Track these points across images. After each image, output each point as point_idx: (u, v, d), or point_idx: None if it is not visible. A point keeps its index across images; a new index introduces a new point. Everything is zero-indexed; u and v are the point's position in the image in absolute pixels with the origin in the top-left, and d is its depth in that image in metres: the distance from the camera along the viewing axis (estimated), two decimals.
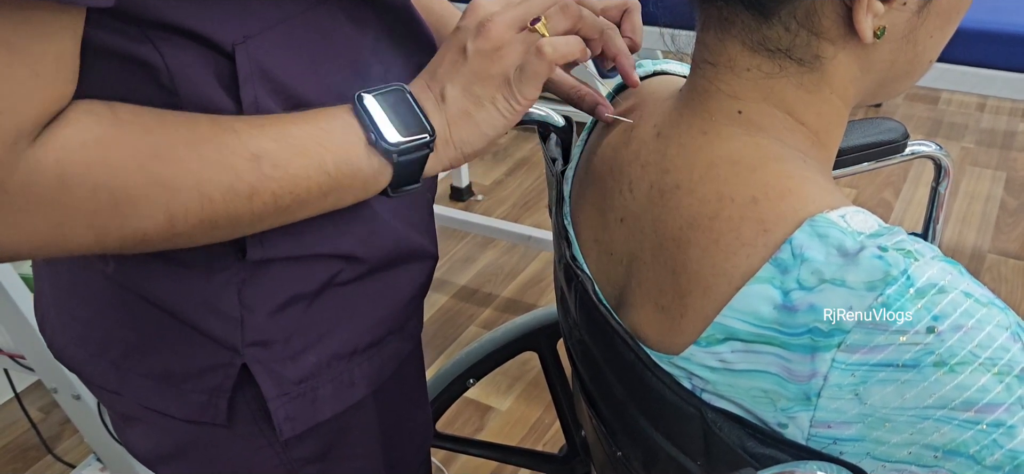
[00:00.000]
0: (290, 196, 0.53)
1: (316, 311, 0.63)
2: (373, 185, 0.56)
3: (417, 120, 0.56)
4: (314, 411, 0.64)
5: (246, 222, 0.52)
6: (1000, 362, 0.44)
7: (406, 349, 0.71)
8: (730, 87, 0.54)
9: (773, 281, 0.48)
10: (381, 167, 0.56)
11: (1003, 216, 2.36)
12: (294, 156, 0.52)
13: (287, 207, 0.53)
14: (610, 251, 0.62)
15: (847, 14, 0.49)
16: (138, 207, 0.47)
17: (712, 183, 0.53)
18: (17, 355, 1.33)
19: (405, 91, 0.57)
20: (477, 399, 1.84)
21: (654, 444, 0.58)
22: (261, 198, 0.51)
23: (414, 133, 0.55)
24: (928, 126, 2.85)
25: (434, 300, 2.18)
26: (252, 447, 0.66)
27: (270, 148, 0.51)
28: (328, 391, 0.64)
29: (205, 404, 0.62)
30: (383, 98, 0.56)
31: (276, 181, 0.52)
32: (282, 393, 0.62)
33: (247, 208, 0.51)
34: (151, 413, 0.65)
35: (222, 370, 0.61)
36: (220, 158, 0.49)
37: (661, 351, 0.54)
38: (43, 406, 1.88)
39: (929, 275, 0.44)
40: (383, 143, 0.54)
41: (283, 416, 0.62)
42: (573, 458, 1.11)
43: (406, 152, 0.55)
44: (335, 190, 0.55)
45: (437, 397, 1.05)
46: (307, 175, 0.53)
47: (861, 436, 0.47)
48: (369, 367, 0.67)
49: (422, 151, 0.56)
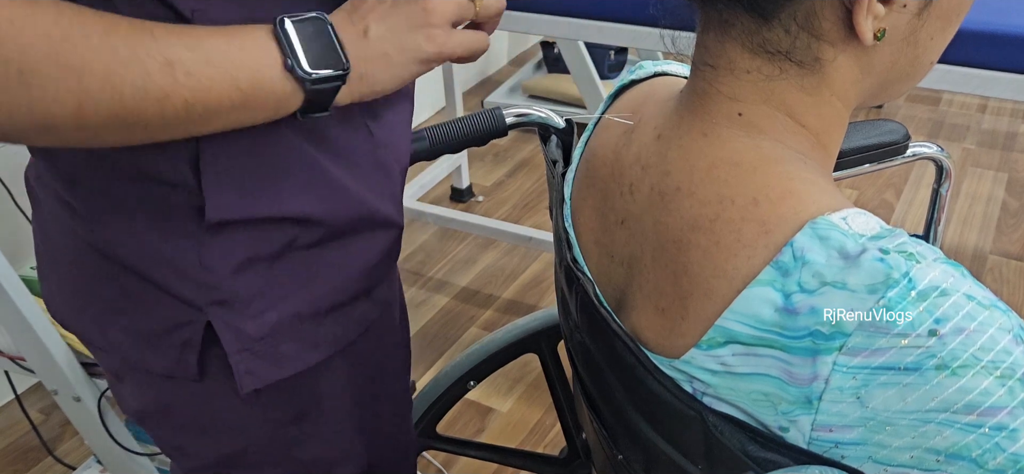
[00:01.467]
0: (201, 105, 0.54)
1: (277, 272, 0.65)
2: (284, 107, 0.58)
3: (334, 53, 0.58)
4: (276, 368, 0.66)
5: (156, 125, 0.53)
6: (1003, 365, 0.43)
7: (374, 314, 0.73)
8: (730, 89, 0.54)
9: (774, 284, 0.48)
10: (293, 91, 0.57)
11: (1005, 217, 2.36)
12: (207, 67, 0.53)
13: (199, 116, 0.54)
14: (611, 253, 0.62)
15: (847, 16, 0.49)
16: (46, 89, 0.48)
17: (713, 185, 0.52)
18: (18, 357, 1.33)
19: (326, 21, 0.58)
20: (478, 401, 1.84)
21: (655, 447, 0.58)
22: (172, 103, 0.53)
23: (329, 66, 0.57)
24: (929, 127, 2.85)
25: (435, 301, 2.18)
26: (231, 404, 0.68)
27: (185, 56, 0.53)
28: (290, 349, 0.66)
29: (178, 359, 0.65)
30: (303, 25, 0.57)
31: (188, 89, 0.53)
32: (243, 349, 0.64)
33: (157, 111, 0.52)
34: (134, 370, 0.69)
35: (189, 327, 0.64)
36: (134, 56, 0.51)
37: (662, 354, 0.54)
38: (43, 408, 1.87)
39: (931, 278, 0.44)
40: (298, 70, 0.56)
41: (243, 370, 0.64)
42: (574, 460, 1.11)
43: (319, 82, 0.57)
44: (246, 106, 0.56)
45: (438, 399, 1.05)
46: (219, 88, 0.54)
47: (863, 440, 0.47)
48: (334, 329, 0.68)
49: (334, 83, 0.58)
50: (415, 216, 2.31)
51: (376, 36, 0.59)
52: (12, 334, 1.23)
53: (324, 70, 0.57)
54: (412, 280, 2.26)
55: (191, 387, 0.68)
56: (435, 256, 2.35)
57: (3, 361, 1.35)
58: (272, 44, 0.56)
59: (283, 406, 0.70)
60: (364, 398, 0.75)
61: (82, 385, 1.27)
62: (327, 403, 0.72)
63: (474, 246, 2.39)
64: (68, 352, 1.25)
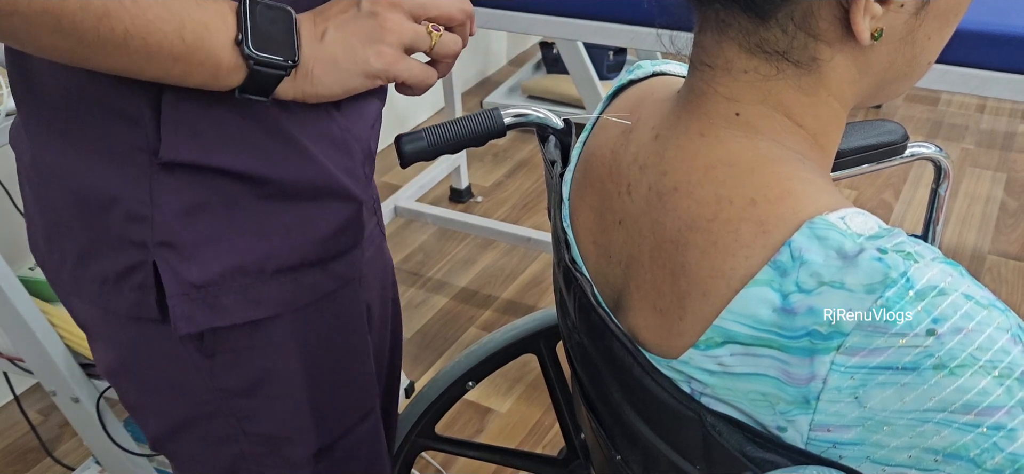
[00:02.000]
0: (139, 40, 0.55)
1: (225, 222, 0.66)
2: (224, 78, 0.60)
3: (288, 43, 0.60)
4: (213, 316, 0.67)
5: (89, 40, 0.54)
6: (1001, 365, 0.43)
7: (328, 286, 0.73)
8: (727, 89, 0.54)
9: (772, 283, 0.48)
10: (236, 66, 0.59)
11: (1003, 217, 2.36)
12: (159, 6, 0.55)
13: (135, 50, 0.56)
14: (609, 254, 0.62)
15: (844, 16, 0.49)
16: None
17: (710, 185, 0.52)
18: (16, 358, 1.33)
19: (291, 15, 0.61)
20: (477, 401, 1.84)
21: (653, 447, 0.58)
22: (110, 24, 0.54)
23: (278, 53, 0.60)
24: (928, 127, 2.85)
25: (434, 302, 2.18)
26: (183, 368, 0.71)
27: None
28: (231, 300, 0.67)
29: (137, 301, 0.67)
30: (268, 11, 0.60)
31: (131, 16, 0.54)
32: (182, 292, 0.66)
33: (93, 26, 0.53)
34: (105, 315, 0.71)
35: (142, 269, 0.66)
36: None
37: (660, 354, 0.54)
38: (42, 409, 1.87)
39: (929, 277, 0.44)
40: (245, 47, 0.59)
41: (179, 314, 0.66)
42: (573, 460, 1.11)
43: (262, 64, 0.59)
44: (185, 60, 0.58)
45: (436, 399, 1.05)
46: (163, 30, 0.56)
47: (861, 439, 0.47)
48: (280, 290, 0.70)
49: (278, 71, 0.60)
50: (414, 216, 2.31)
51: (330, 40, 0.62)
52: (11, 335, 1.23)
53: (270, 55, 0.59)
54: (411, 280, 2.26)
55: (151, 332, 0.69)
56: (434, 256, 2.36)
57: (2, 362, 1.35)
58: (232, 17, 0.59)
59: (233, 371, 0.72)
60: (318, 375, 0.76)
61: (81, 386, 1.27)
62: (278, 375, 0.74)
63: (473, 246, 2.39)
64: (66, 353, 1.25)
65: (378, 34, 0.61)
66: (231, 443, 0.76)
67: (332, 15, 0.63)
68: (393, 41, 0.62)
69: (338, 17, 0.62)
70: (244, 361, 0.72)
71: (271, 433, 0.76)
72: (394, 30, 0.62)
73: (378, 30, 0.61)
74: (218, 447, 0.76)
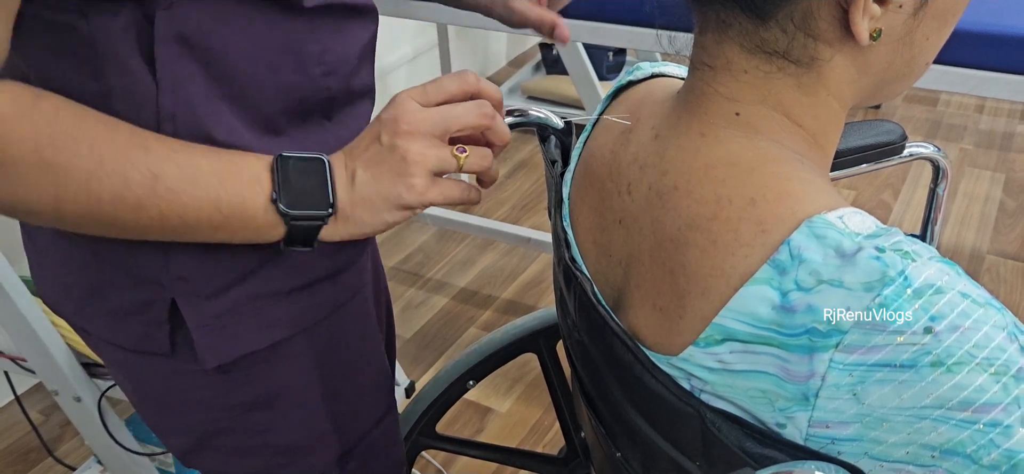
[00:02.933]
0: (177, 220, 0.58)
1: (238, 250, 0.65)
2: (266, 235, 0.61)
3: (323, 194, 0.60)
4: (236, 344, 0.67)
5: (132, 228, 0.57)
6: (997, 362, 0.44)
7: (340, 298, 0.73)
8: (728, 89, 0.54)
9: (771, 282, 0.48)
10: (276, 223, 0.60)
11: (1002, 217, 2.37)
12: (192, 186, 0.57)
13: (175, 227, 0.58)
14: (609, 253, 0.62)
15: (844, 16, 0.50)
16: (26, 182, 0.53)
17: (710, 185, 0.53)
18: (18, 358, 1.34)
19: (325, 163, 0.61)
20: (477, 401, 1.84)
21: (653, 445, 0.58)
22: (148, 213, 0.56)
23: (314, 206, 0.60)
24: (927, 127, 2.86)
25: (434, 302, 2.18)
26: (198, 383, 0.70)
27: (172, 172, 0.56)
28: (250, 326, 0.67)
29: (146, 335, 0.67)
30: (302, 163, 0.60)
31: (166, 202, 0.56)
32: (203, 324, 0.66)
33: (133, 217, 0.56)
34: (112, 348, 0.71)
35: (156, 305, 0.66)
36: (117, 167, 0.54)
37: (659, 352, 0.55)
38: (44, 409, 1.88)
39: (926, 276, 0.44)
40: (280, 206, 0.59)
41: (205, 345, 0.66)
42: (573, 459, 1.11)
43: (299, 219, 0.60)
44: (225, 228, 0.59)
45: (437, 399, 1.05)
46: (198, 207, 0.58)
47: (859, 436, 0.47)
48: (295, 309, 0.70)
49: (316, 222, 0.60)
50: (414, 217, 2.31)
51: (361, 181, 0.61)
52: (12, 335, 1.23)
53: (305, 209, 0.60)
54: (411, 281, 2.26)
55: (161, 365, 0.70)
56: (434, 257, 2.36)
57: (3, 362, 1.36)
58: (266, 175, 0.59)
59: (247, 387, 0.72)
60: (334, 384, 0.77)
61: (82, 385, 1.27)
62: (294, 387, 0.74)
63: (473, 247, 2.39)
64: (68, 352, 1.25)
65: (403, 168, 0.60)
66: (254, 456, 0.76)
67: (358, 154, 0.61)
68: (420, 172, 0.60)
69: (363, 155, 0.61)
70: (259, 377, 0.72)
71: (291, 444, 0.76)
72: (418, 161, 0.60)
73: (402, 164, 0.60)
74: (242, 459, 0.76)
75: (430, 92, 0.61)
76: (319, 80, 0.65)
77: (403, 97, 0.61)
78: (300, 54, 0.63)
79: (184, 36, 0.58)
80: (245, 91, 0.61)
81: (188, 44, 0.58)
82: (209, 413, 0.73)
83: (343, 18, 0.67)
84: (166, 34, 0.57)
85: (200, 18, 0.58)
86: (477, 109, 0.62)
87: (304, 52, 0.64)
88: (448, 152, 0.61)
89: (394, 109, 0.61)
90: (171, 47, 0.58)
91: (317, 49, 0.64)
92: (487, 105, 0.62)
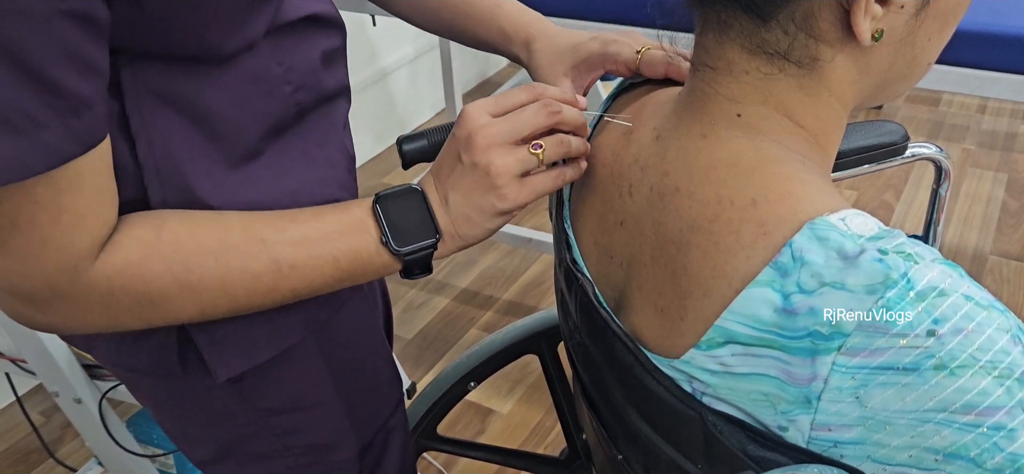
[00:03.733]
0: (306, 288, 0.62)
1: None
2: (388, 272, 0.65)
3: (427, 224, 0.64)
4: (248, 356, 0.69)
5: (267, 305, 0.62)
6: (1001, 365, 0.44)
7: (344, 295, 0.74)
8: (729, 90, 0.54)
9: (773, 284, 0.48)
10: (391, 262, 0.64)
11: (1004, 218, 2.36)
12: (308, 259, 0.61)
13: (306, 294, 0.63)
14: (610, 254, 0.62)
15: (845, 17, 0.49)
16: (173, 306, 0.58)
17: (711, 186, 0.53)
18: (19, 359, 1.34)
19: (419, 194, 0.64)
20: (478, 402, 1.84)
21: (654, 447, 0.58)
22: (280, 292, 0.61)
23: (421, 238, 0.63)
24: (929, 128, 2.85)
25: (435, 303, 2.18)
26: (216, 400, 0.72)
27: (289, 254, 0.60)
28: (260, 336, 0.69)
29: (158, 358, 0.69)
30: (400, 201, 0.64)
31: (293, 280, 0.61)
32: (214, 342, 0.67)
33: (268, 300, 0.61)
34: (124, 371, 0.73)
35: (164, 328, 0.67)
36: (244, 265, 0.59)
37: (661, 354, 0.54)
38: (45, 410, 1.88)
39: (929, 278, 0.44)
40: (391, 247, 0.62)
41: (217, 363, 0.68)
42: (574, 461, 1.11)
43: (413, 254, 0.63)
44: (348, 279, 0.64)
45: (438, 400, 1.05)
46: (322, 272, 0.62)
47: (862, 439, 0.47)
48: (303, 313, 0.71)
49: (428, 251, 0.64)
50: None
51: (454, 202, 0.63)
52: (13, 336, 1.24)
53: (415, 244, 0.63)
54: (412, 282, 2.26)
55: (174, 383, 0.71)
56: None
57: (4, 363, 1.36)
58: (371, 223, 0.63)
59: (264, 393, 0.72)
60: (347, 379, 0.77)
61: (83, 387, 1.27)
62: (309, 387, 0.75)
63: (474, 248, 2.39)
64: (69, 354, 1.25)
65: (489, 182, 0.62)
66: (277, 458, 0.76)
67: (444, 177, 0.64)
68: (506, 181, 0.62)
69: (449, 177, 0.63)
70: (275, 382, 0.72)
71: (314, 443, 0.77)
72: (502, 172, 0.61)
73: (487, 178, 0.62)
74: (266, 463, 0.77)
75: (501, 102, 0.63)
76: (289, 98, 0.65)
77: (472, 111, 0.62)
78: (266, 79, 0.64)
79: (152, 89, 0.58)
80: (220, 131, 0.62)
81: (158, 95, 0.58)
82: (231, 422, 0.74)
83: (305, 30, 0.67)
84: (135, 90, 0.58)
85: (166, 68, 0.58)
86: (543, 109, 0.63)
87: (270, 76, 0.64)
88: (525, 152, 0.62)
89: (465, 126, 0.62)
90: (143, 101, 0.58)
91: (281, 69, 0.65)
92: (551, 102, 0.63)
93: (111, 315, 0.57)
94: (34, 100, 0.47)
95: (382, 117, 2.96)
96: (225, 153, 0.62)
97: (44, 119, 0.47)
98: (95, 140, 0.51)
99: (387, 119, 2.99)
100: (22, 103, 0.46)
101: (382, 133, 2.96)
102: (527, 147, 0.62)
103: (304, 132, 0.68)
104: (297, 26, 0.66)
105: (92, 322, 0.57)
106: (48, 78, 0.47)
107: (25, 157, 0.48)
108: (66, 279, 0.54)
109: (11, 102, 0.46)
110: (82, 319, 0.57)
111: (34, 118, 0.47)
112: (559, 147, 0.64)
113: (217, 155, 0.62)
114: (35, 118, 0.47)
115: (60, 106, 0.48)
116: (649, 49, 0.70)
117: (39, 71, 0.46)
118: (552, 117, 0.63)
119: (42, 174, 0.49)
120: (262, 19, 0.62)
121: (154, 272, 0.56)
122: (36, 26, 0.45)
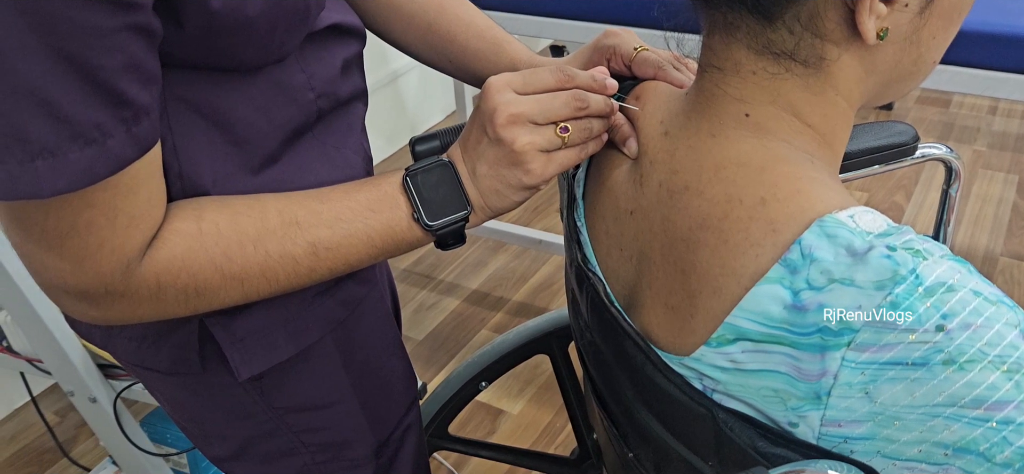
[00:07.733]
0: (343, 266, 0.64)
1: None
2: (421, 244, 0.66)
3: (458, 197, 0.65)
4: (270, 356, 0.70)
5: (309, 284, 0.64)
6: (1009, 360, 0.44)
7: (360, 294, 0.75)
8: (737, 90, 0.54)
9: (783, 281, 0.48)
10: (424, 236, 0.65)
11: (1015, 219, 2.35)
12: (344, 238, 0.62)
13: (344, 271, 0.64)
14: (620, 245, 0.62)
15: (850, 16, 0.50)
16: (218, 295, 0.60)
17: (721, 185, 0.53)
18: (34, 359, 1.35)
19: (449, 166, 0.65)
20: (489, 402, 1.85)
21: (665, 445, 0.58)
22: (319, 273, 0.63)
23: (453, 211, 0.64)
24: (940, 129, 2.84)
25: (445, 304, 2.18)
26: (235, 398, 0.73)
27: (325, 235, 0.62)
28: (280, 336, 0.70)
29: (178, 358, 0.70)
30: (430, 174, 0.64)
31: (330, 260, 0.62)
32: (236, 341, 0.68)
33: (307, 279, 0.63)
34: (144, 371, 0.74)
35: (184, 328, 0.68)
36: (283, 250, 0.61)
37: (671, 352, 0.55)
38: (59, 410, 1.89)
39: (938, 273, 0.44)
40: (423, 222, 0.63)
41: (239, 361, 0.69)
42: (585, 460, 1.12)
43: (444, 227, 0.64)
44: (385, 252, 0.65)
45: (449, 400, 1.05)
46: (357, 250, 0.63)
47: (871, 434, 0.47)
48: (321, 312, 0.72)
49: (459, 223, 0.65)
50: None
51: (482, 174, 0.64)
52: (29, 336, 1.25)
53: (446, 217, 0.64)
54: (422, 283, 2.27)
55: (194, 382, 0.72)
56: (445, 259, 2.36)
57: (20, 363, 1.37)
58: (402, 199, 0.64)
59: (282, 390, 0.73)
60: (363, 376, 0.78)
61: (98, 386, 1.28)
62: (327, 385, 0.75)
63: (484, 249, 2.40)
64: (84, 354, 1.26)
65: (514, 157, 0.62)
66: (294, 456, 0.77)
67: (471, 148, 0.65)
68: (531, 157, 0.63)
69: (476, 149, 0.64)
70: (293, 380, 0.73)
71: (330, 441, 0.78)
72: (526, 149, 0.62)
73: (512, 153, 0.62)
74: (283, 461, 0.78)
75: (528, 80, 0.63)
76: (311, 104, 0.66)
77: (496, 85, 0.63)
78: (291, 87, 0.65)
79: (180, 95, 0.59)
80: (243, 136, 0.63)
81: (185, 100, 0.60)
82: (249, 420, 0.74)
83: (328, 39, 0.68)
84: (164, 95, 0.59)
85: (194, 75, 0.60)
86: (571, 99, 0.63)
87: (294, 84, 0.65)
88: (552, 132, 0.63)
89: (490, 99, 0.62)
90: (170, 106, 0.59)
91: (305, 77, 0.66)
92: (581, 95, 0.64)
93: (160, 308, 0.59)
94: (105, 112, 0.48)
95: (394, 119, 2.97)
96: (247, 157, 0.63)
97: (111, 129, 0.49)
98: (151, 144, 0.53)
99: (399, 121, 3.00)
100: (94, 115, 0.48)
101: (393, 135, 2.97)
102: (554, 128, 0.63)
103: (323, 135, 0.69)
104: (321, 35, 0.67)
105: (143, 314, 0.59)
106: (116, 90, 0.48)
107: (94, 165, 0.49)
108: (119, 278, 0.55)
109: (86, 116, 0.48)
110: (134, 313, 0.59)
111: (103, 128, 0.49)
112: (583, 132, 0.64)
113: (239, 159, 0.63)
114: (104, 128, 0.49)
115: (125, 115, 0.50)
116: (645, 50, 0.71)
117: (109, 84, 0.48)
118: (578, 112, 0.63)
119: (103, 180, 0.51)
120: (296, 39, 0.63)
121: (198, 264, 0.58)
122: (106, 41, 0.47)
